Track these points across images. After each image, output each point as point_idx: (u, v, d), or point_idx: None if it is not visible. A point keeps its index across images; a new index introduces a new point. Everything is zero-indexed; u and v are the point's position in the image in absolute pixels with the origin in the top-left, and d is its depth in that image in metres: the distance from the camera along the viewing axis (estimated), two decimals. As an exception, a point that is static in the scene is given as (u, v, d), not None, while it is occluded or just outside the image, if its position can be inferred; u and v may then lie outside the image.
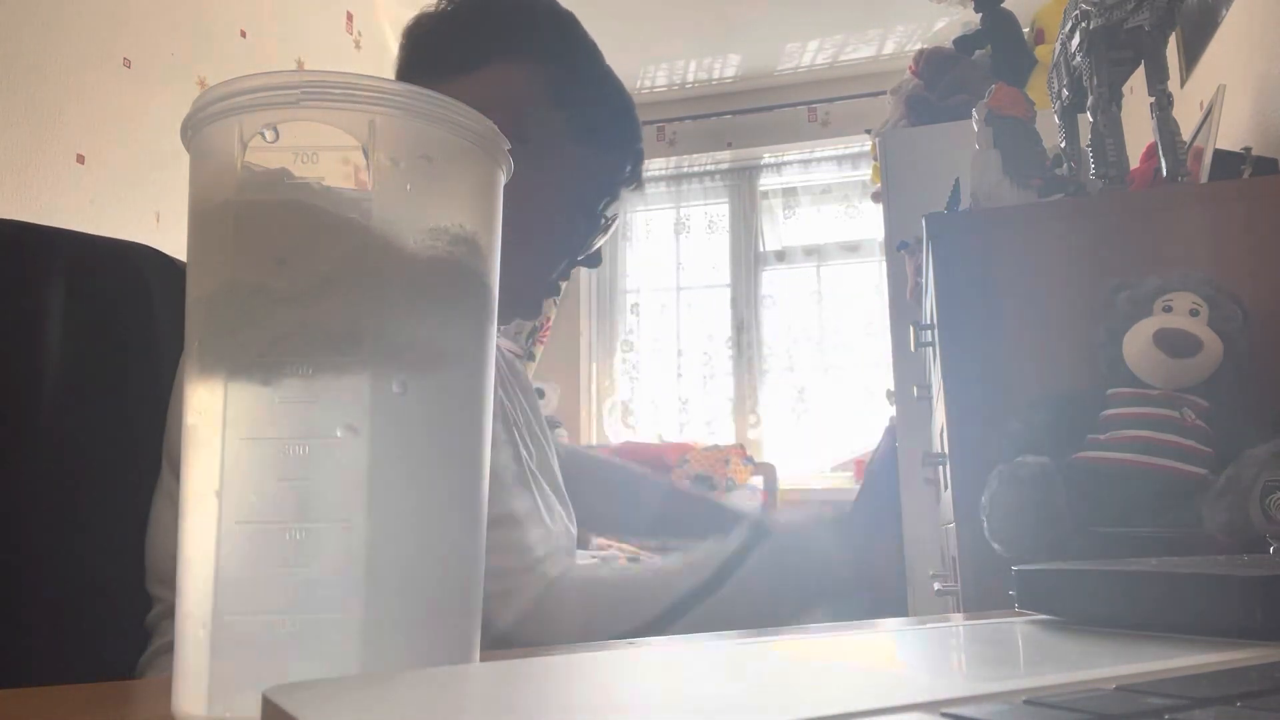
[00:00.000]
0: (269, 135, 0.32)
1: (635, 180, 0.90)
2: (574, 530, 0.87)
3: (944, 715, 0.18)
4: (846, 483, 3.62)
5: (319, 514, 0.30)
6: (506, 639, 0.65)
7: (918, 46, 3.09)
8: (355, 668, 0.29)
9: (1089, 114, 1.26)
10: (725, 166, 4.17)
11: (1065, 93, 1.38)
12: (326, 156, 0.32)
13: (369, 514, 0.30)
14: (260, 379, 0.31)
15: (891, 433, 1.32)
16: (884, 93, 2.87)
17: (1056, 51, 1.39)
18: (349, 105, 0.32)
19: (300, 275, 0.31)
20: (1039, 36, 2.47)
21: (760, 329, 3.96)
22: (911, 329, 1.64)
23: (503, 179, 0.37)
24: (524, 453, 0.79)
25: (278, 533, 0.30)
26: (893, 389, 2.30)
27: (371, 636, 0.30)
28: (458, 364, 0.34)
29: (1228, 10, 1.69)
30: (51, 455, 0.69)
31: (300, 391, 0.30)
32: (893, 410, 2.35)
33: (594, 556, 2.25)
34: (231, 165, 0.32)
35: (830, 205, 4.03)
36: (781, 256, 4.03)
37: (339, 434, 0.30)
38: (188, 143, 0.34)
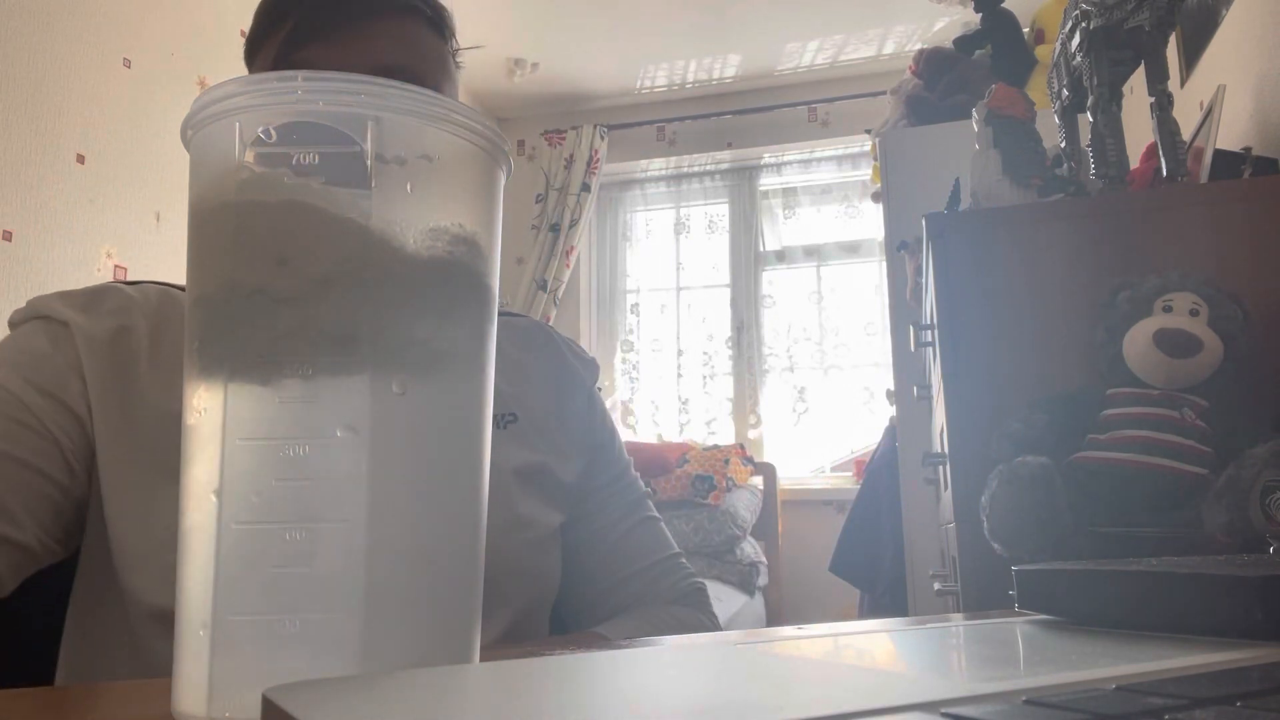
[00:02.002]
0: (269, 135, 0.32)
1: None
2: None
3: (944, 715, 0.18)
4: (846, 482, 3.62)
5: (319, 514, 0.30)
6: None
7: (918, 46, 3.09)
8: (355, 668, 0.29)
9: (1089, 114, 1.26)
10: (725, 166, 4.16)
11: (1065, 93, 1.38)
12: (326, 156, 0.32)
13: (369, 514, 0.30)
14: (260, 379, 0.31)
15: (892, 433, 1.31)
16: (884, 93, 2.87)
17: (1056, 51, 1.39)
18: (349, 105, 0.32)
19: (300, 275, 0.31)
20: (1039, 36, 2.47)
21: (760, 329, 3.96)
22: (911, 329, 1.65)
23: (503, 179, 0.37)
24: None
25: (278, 533, 0.30)
26: (893, 389, 2.30)
27: (371, 636, 0.30)
28: (458, 364, 0.34)
29: (1228, 10, 1.69)
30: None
31: (300, 391, 0.30)
32: (893, 410, 2.35)
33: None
34: (231, 165, 0.32)
35: (830, 205, 4.03)
36: (781, 256, 4.03)
37: (339, 434, 0.30)
38: (188, 143, 0.34)
